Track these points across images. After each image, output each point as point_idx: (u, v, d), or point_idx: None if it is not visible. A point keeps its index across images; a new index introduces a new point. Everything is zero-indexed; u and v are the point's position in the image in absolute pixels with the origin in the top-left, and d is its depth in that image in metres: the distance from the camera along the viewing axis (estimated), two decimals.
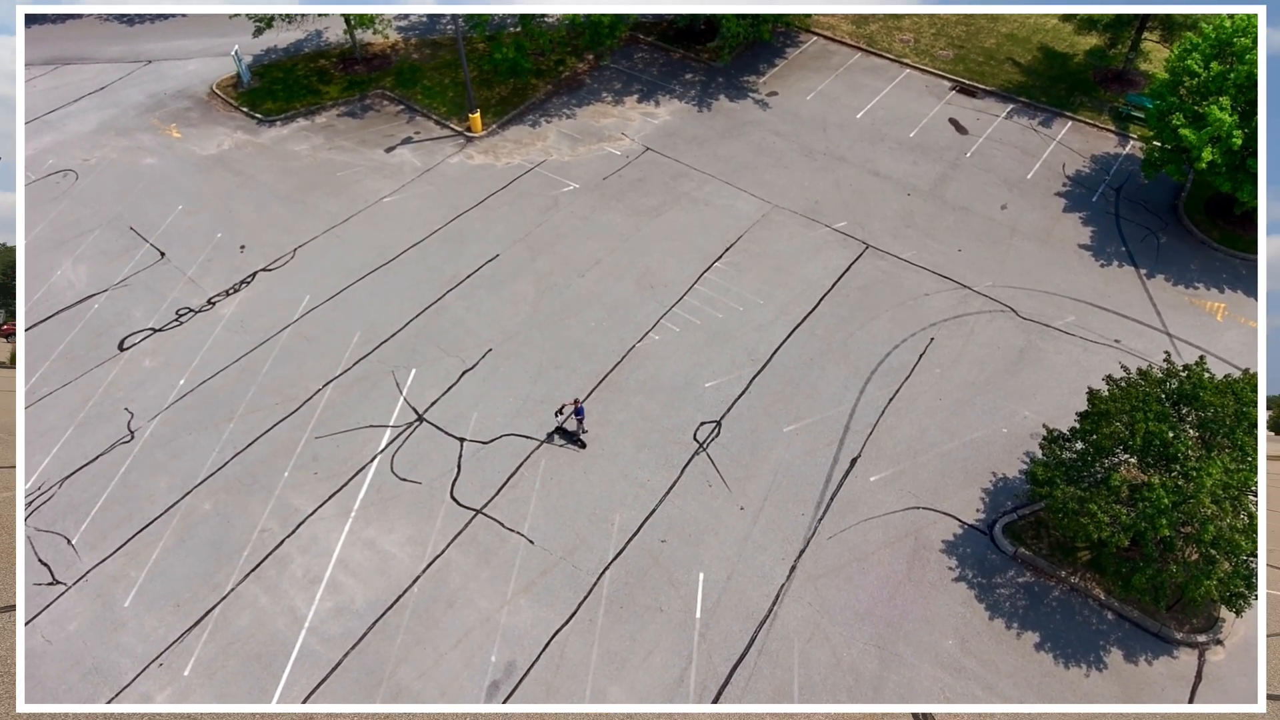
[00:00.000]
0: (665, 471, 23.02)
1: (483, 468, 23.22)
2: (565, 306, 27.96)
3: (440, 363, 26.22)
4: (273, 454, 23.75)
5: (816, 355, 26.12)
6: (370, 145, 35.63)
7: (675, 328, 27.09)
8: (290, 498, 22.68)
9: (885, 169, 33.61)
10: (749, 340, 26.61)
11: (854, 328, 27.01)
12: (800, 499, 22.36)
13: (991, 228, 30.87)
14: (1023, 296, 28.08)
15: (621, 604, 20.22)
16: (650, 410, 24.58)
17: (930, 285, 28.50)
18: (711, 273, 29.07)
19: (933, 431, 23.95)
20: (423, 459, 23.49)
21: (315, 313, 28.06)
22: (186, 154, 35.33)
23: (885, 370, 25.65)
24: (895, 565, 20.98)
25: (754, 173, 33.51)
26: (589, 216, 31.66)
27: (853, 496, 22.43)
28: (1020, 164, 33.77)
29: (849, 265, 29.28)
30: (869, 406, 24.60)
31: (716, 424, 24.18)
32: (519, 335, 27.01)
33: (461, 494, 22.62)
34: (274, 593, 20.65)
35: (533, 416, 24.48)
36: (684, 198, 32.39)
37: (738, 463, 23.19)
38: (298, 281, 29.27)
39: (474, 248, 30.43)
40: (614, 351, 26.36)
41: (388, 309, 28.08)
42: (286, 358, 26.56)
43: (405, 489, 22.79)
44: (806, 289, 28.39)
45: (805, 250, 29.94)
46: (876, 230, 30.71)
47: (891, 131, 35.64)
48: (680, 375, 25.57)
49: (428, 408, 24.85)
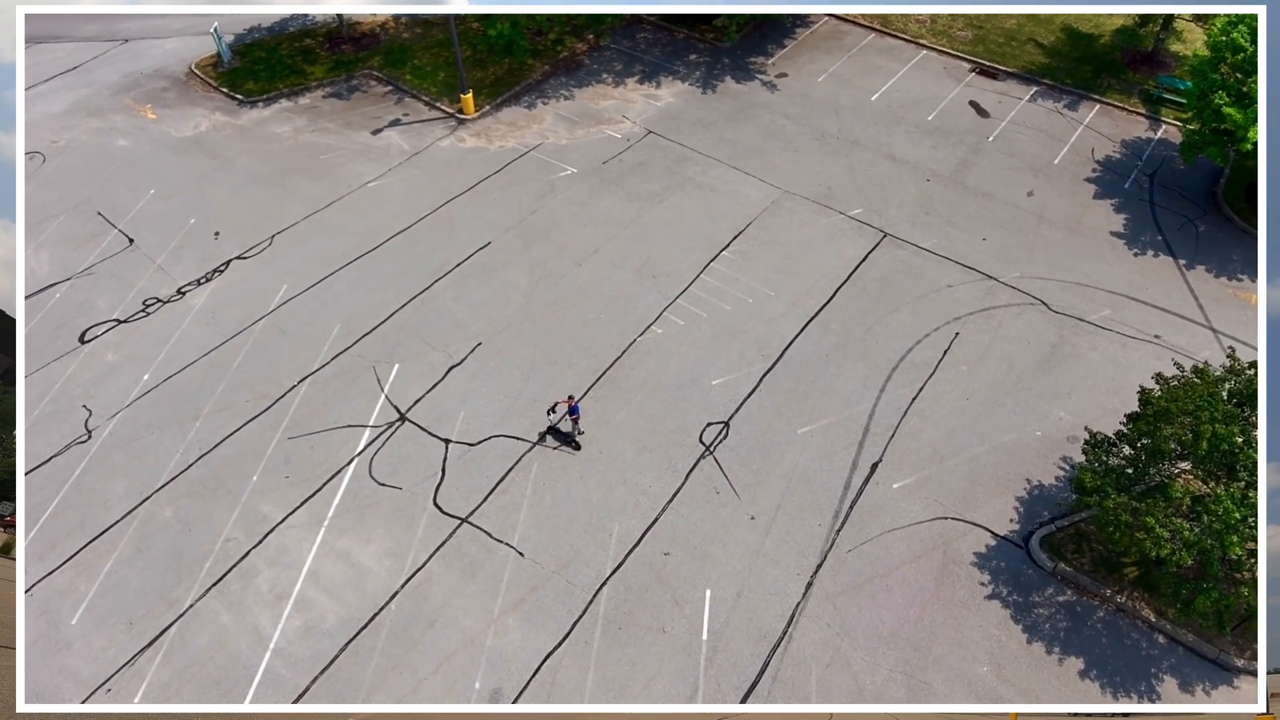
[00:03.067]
0: (668, 477, 21.07)
1: (469, 472, 21.27)
2: (561, 297, 26.00)
3: (425, 357, 24.27)
4: (241, 456, 21.81)
5: (832, 351, 24.15)
6: (356, 127, 33.64)
7: (679, 321, 25.12)
8: (258, 504, 20.74)
9: (902, 153, 31.61)
10: (759, 334, 24.65)
11: (872, 321, 25.03)
12: (816, 508, 20.41)
13: (1017, 215, 28.87)
14: (1053, 288, 26.09)
15: (620, 624, 18.30)
16: (652, 410, 22.62)
17: (953, 276, 26.52)
18: (718, 262, 27.09)
19: (960, 434, 21.99)
20: (404, 462, 21.54)
21: (292, 303, 26.11)
22: (161, 136, 33.33)
23: (907, 367, 23.68)
24: (922, 582, 19.04)
25: (763, 157, 31.52)
26: (587, 202, 29.69)
27: (874, 505, 20.49)
28: (1046, 149, 31.75)
29: (865, 255, 27.30)
30: (890, 407, 22.64)
31: (724, 425, 22.23)
32: (510, 328, 25.05)
33: (446, 501, 20.68)
34: (237, 610, 18.73)
35: (524, 416, 22.53)
36: (688, 183, 30.40)
37: (747, 468, 21.24)
38: (275, 270, 27.30)
39: (464, 235, 28.47)
40: (613, 346, 24.40)
41: (370, 300, 26.12)
42: (260, 352, 24.61)
43: (384, 495, 20.85)
44: (820, 280, 26.41)
45: (818, 238, 27.97)
46: (894, 217, 28.73)
47: (908, 115, 33.63)
48: (685, 372, 23.61)
49: (411, 406, 22.90)
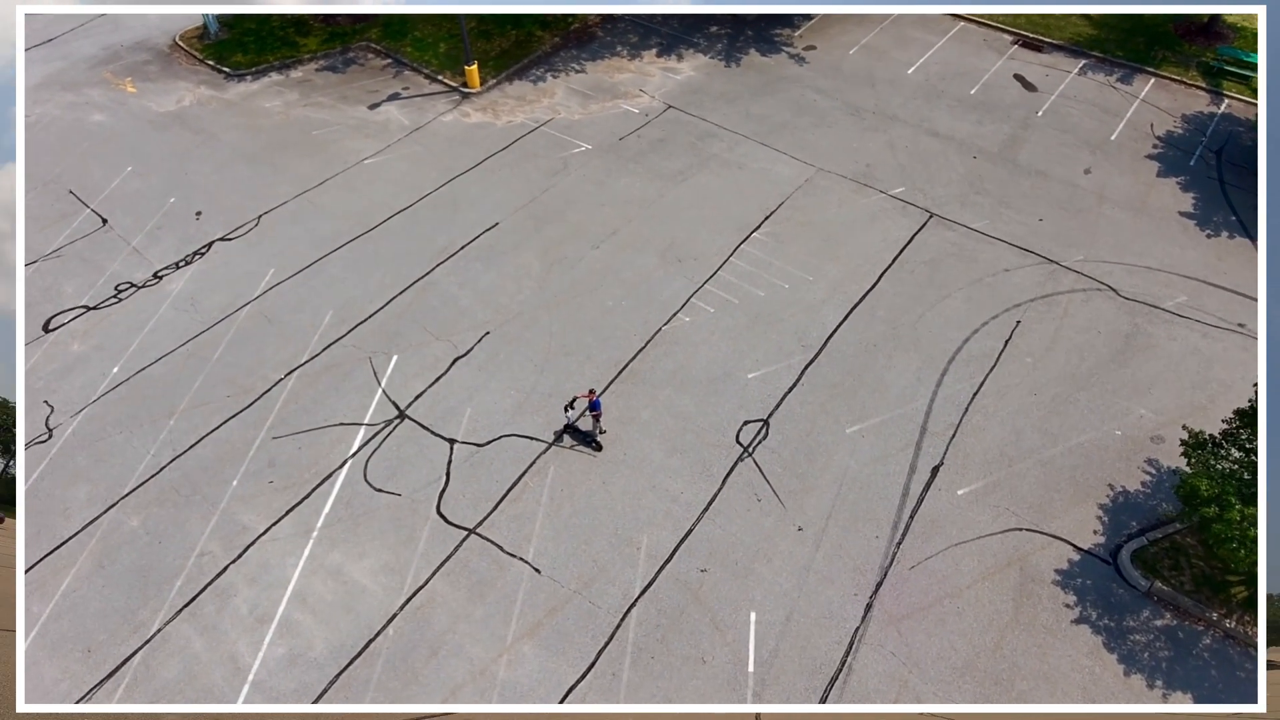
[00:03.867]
0: (703, 482, 18.63)
1: (477, 476, 18.83)
2: (577, 283, 23.53)
3: (427, 348, 21.80)
4: (220, 458, 19.35)
5: (880, 341, 21.69)
6: (351, 102, 31.16)
7: (709, 308, 22.66)
8: (238, 513, 18.28)
9: (945, 129, 29.14)
10: (798, 323, 22.18)
11: (923, 309, 22.57)
12: (872, 517, 17.96)
13: (1075, 194, 26.40)
14: (1121, 273, 23.62)
15: (652, 653, 15.85)
16: (682, 406, 20.17)
17: (1010, 259, 24.04)
18: (749, 244, 24.62)
19: (1029, 434, 19.54)
20: (404, 465, 19.09)
21: (280, 289, 23.63)
22: (141, 110, 30.84)
23: (965, 359, 21.22)
24: (998, 603, 16.58)
25: (793, 133, 29.04)
26: (604, 181, 27.22)
27: (937, 514, 18.04)
28: (1101, 124, 29.28)
29: (911, 236, 24.83)
30: (949, 403, 20.19)
31: (763, 423, 19.78)
32: (522, 316, 22.59)
33: (451, 509, 18.23)
34: (211, 635, 16.27)
35: (538, 413, 20.07)
36: (714, 160, 27.93)
37: (791, 471, 18.79)
38: (261, 253, 24.83)
39: (469, 215, 25.99)
40: (636, 335, 21.94)
41: (366, 285, 23.65)
42: (243, 341, 22.14)
43: (381, 502, 18.40)
44: (863, 263, 23.95)
45: (858, 219, 25.50)
46: (941, 197, 26.26)
47: (949, 88, 31.15)
48: (717, 364, 21.15)
49: (411, 402, 20.45)
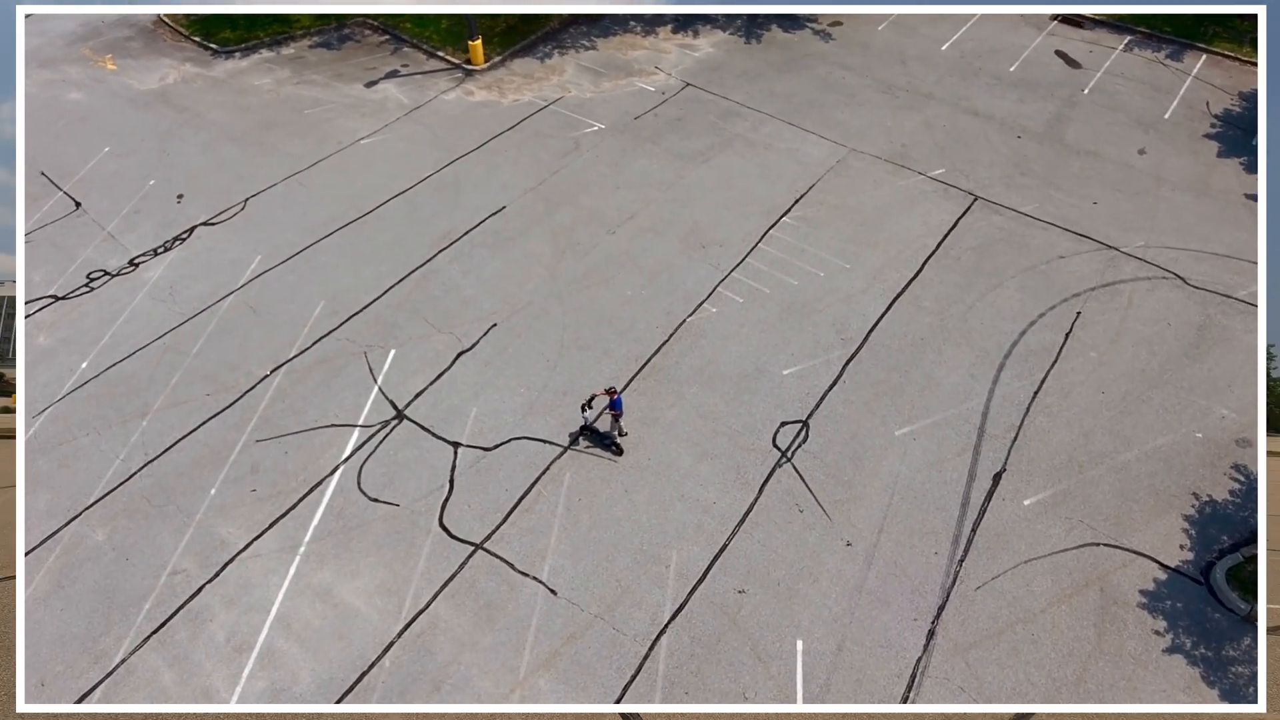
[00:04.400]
0: (737, 490, 16.62)
1: (484, 484, 16.83)
2: (592, 270, 21.52)
3: (428, 341, 19.80)
4: (197, 463, 17.35)
5: (928, 334, 19.69)
6: (347, 80, 29.14)
7: (737, 298, 20.66)
8: (216, 525, 16.27)
9: (985, 107, 27.13)
10: (836, 314, 20.18)
11: (973, 298, 20.57)
12: (929, 530, 15.96)
13: (1130, 176, 24.39)
14: (1188, 259, 21.62)
15: (686, 687, 13.85)
16: (711, 405, 18.16)
17: (1065, 245, 22.04)
18: (779, 229, 22.61)
19: (1100, 436, 17.54)
20: (402, 471, 17.09)
21: (267, 277, 21.62)
22: (121, 88, 28.83)
23: (1023, 354, 19.22)
24: (1078, 629, 14.58)
25: (822, 111, 27.03)
26: (618, 162, 25.21)
27: (1002, 527, 16.03)
28: (1153, 102, 27.28)
29: (955, 220, 22.82)
30: (1008, 402, 18.19)
31: (803, 425, 17.77)
32: (532, 306, 20.59)
33: (455, 521, 16.22)
34: (183, 666, 14.27)
35: (551, 413, 18.07)
36: (737, 140, 25.92)
37: (836, 478, 16.79)
38: (247, 238, 22.82)
39: (474, 198, 23.98)
40: (659, 327, 19.94)
41: (361, 273, 21.64)
42: (225, 334, 20.14)
43: (376, 513, 16.39)
44: (904, 249, 21.94)
45: (896, 202, 23.49)
46: (984, 179, 24.25)
47: (987, 65, 29.15)
48: (748, 359, 19.15)
49: (410, 401, 18.45)
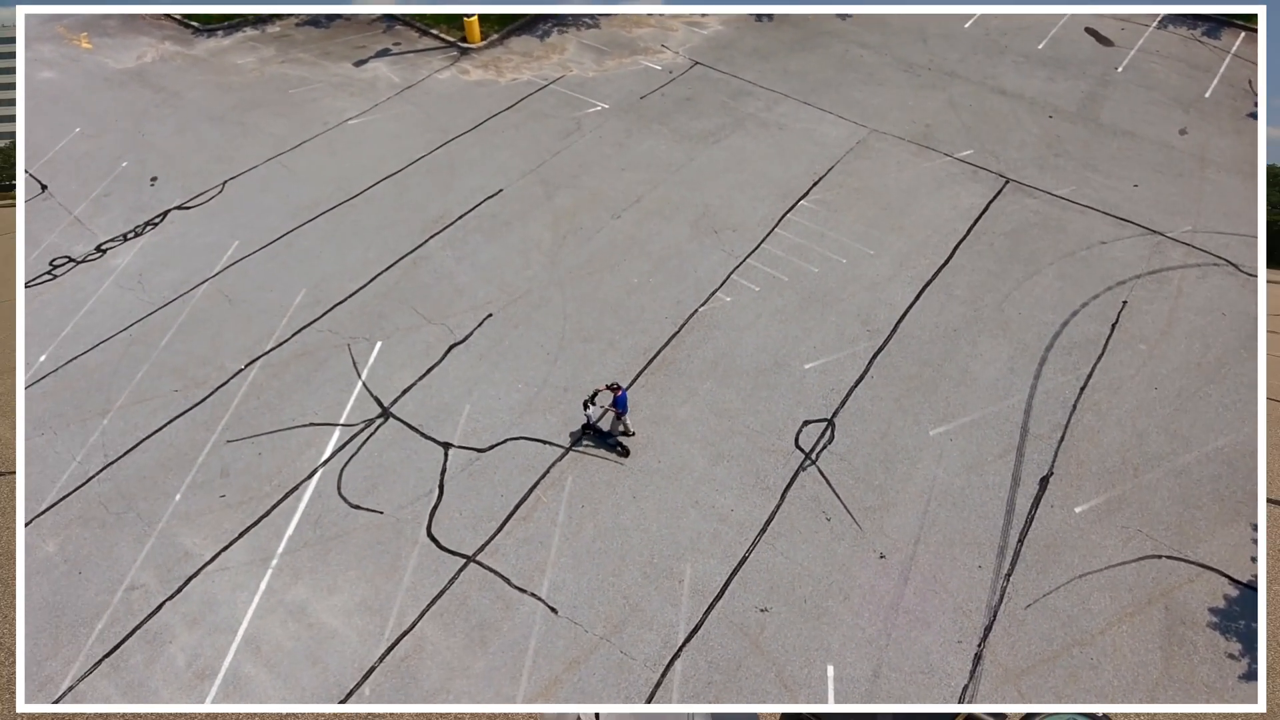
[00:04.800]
0: (757, 496, 15.03)
1: (478, 489, 15.24)
2: (595, 256, 19.94)
3: (418, 333, 18.22)
4: (161, 466, 15.76)
5: (962, 325, 18.10)
6: (335, 58, 27.56)
7: (753, 286, 19.07)
8: (180, 535, 14.69)
9: (1013, 86, 25.54)
10: (860, 303, 18.59)
11: (1009, 287, 18.98)
12: (971, 541, 14.37)
13: (1172, 157, 22.80)
14: (1239, 245, 20.03)
15: None
16: (727, 402, 16.57)
17: (1105, 230, 20.45)
18: (797, 213, 21.02)
19: (1155, 437, 15.95)
20: (387, 475, 15.50)
21: (245, 264, 20.04)
22: (96, 67, 27.24)
23: (1065, 346, 17.63)
24: (1143, 654, 12.99)
25: (839, 90, 25.44)
26: (623, 143, 23.62)
27: (1052, 537, 14.44)
28: (1192, 80, 25.69)
29: (986, 204, 21.24)
30: (1052, 398, 16.60)
31: (827, 424, 16.19)
32: (530, 295, 19.00)
33: (445, 531, 14.63)
34: (137, 694, 12.67)
35: (552, 411, 16.49)
36: (750, 120, 24.32)
37: (866, 483, 15.19)
38: (224, 223, 21.24)
39: (469, 180, 22.40)
40: (668, 318, 18.35)
41: (346, 259, 20.06)
42: (197, 325, 18.56)
43: (358, 522, 14.80)
44: (932, 235, 20.35)
45: (922, 185, 21.90)
46: (1015, 160, 22.66)
47: (1013, 43, 27.57)
48: (766, 352, 17.56)
49: (397, 398, 16.86)
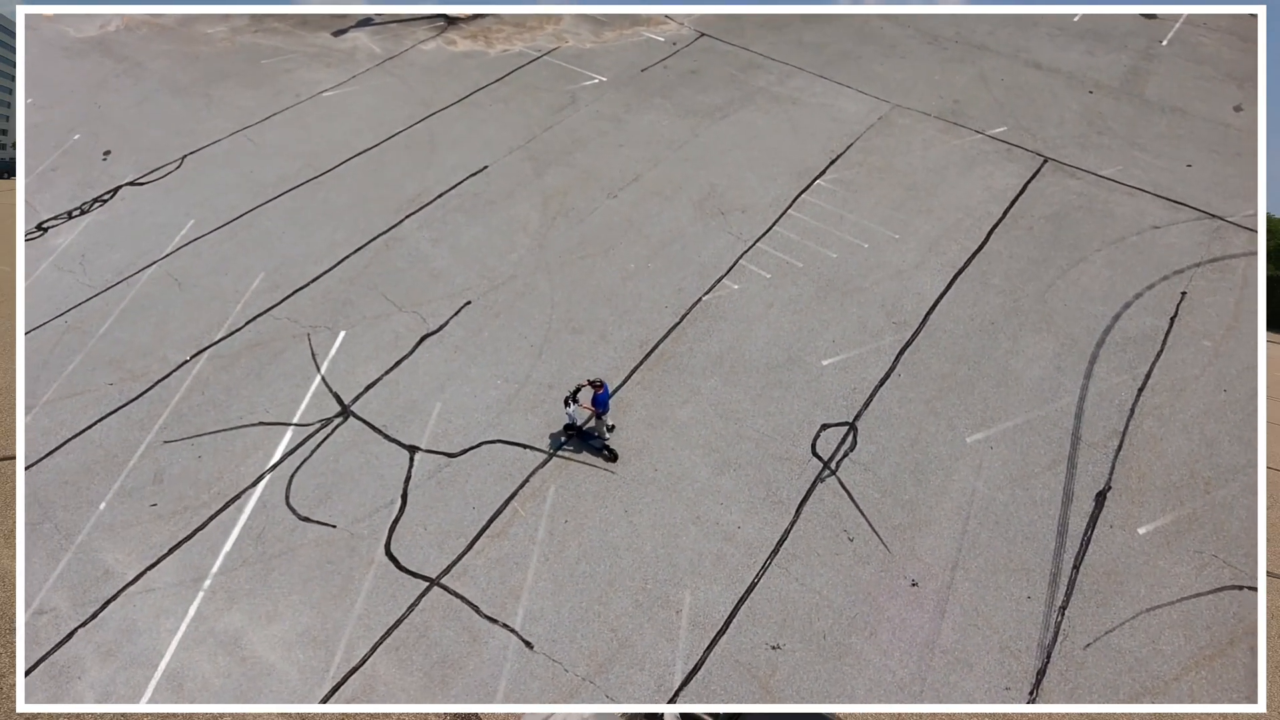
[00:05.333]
0: (768, 511, 13.00)
1: (446, 500, 13.24)
2: (588, 239, 17.94)
3: (386, 322, 16.24)
4: (87, 469, 13.82)
5: (999, 317, 16.04)
6: (312, 28, 25.61)
7: (764, 272, 17.05)
8: (101, 549, 12.72)
9: (1048, 60, 23.45)
10: (885, 292, 16.55)
11: (1052, 275, 16.91)
12: (1018, 566, 12.32)
13: (1227, 135, 20.69)
14: None
15: None
16: (734, 403, 14.55)
17: (1157, 214, 18.36)
18: (813, 193, 18.98)
19: (1227, 446, 13.87)
20: (343, 483, 13.51)
21: (199, 245, 18.09)
22: (54, 36, 25.34)
23: (1119, 342, 15.56)
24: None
25: (859, 64, 23.39)
26: (621, 118, 21.61)
27: (1113, 563, 12.38)
28: (1244, 54, 23.55)
29: (1024, 185, 19.16)
30: (1105, 401, 14.53)
31: (849, 428, 14.15)
32: (514, 281, 17.01)
33: (406, 548, 12.63)
34: None
35: (534, 411, 14.49)
36: (760, 94, 22.29)
37: (894, 497, 13.15)
38: (180, 200, 19.31)
39: (450, 157, 20.42)
40: (668, 307, 16.34)
41: (311, 241, 18.10)
42: (141, 311, 16.61)
43: (307, 537, 12.82)
44: (964, 218, 18.29)
45: (952, 163, 19.84)
46: (1054, 138, 20.58)
47: (1046, 14, 25.48)
48: (779, 346, 15.53)
49: (360, 394, 14.88)
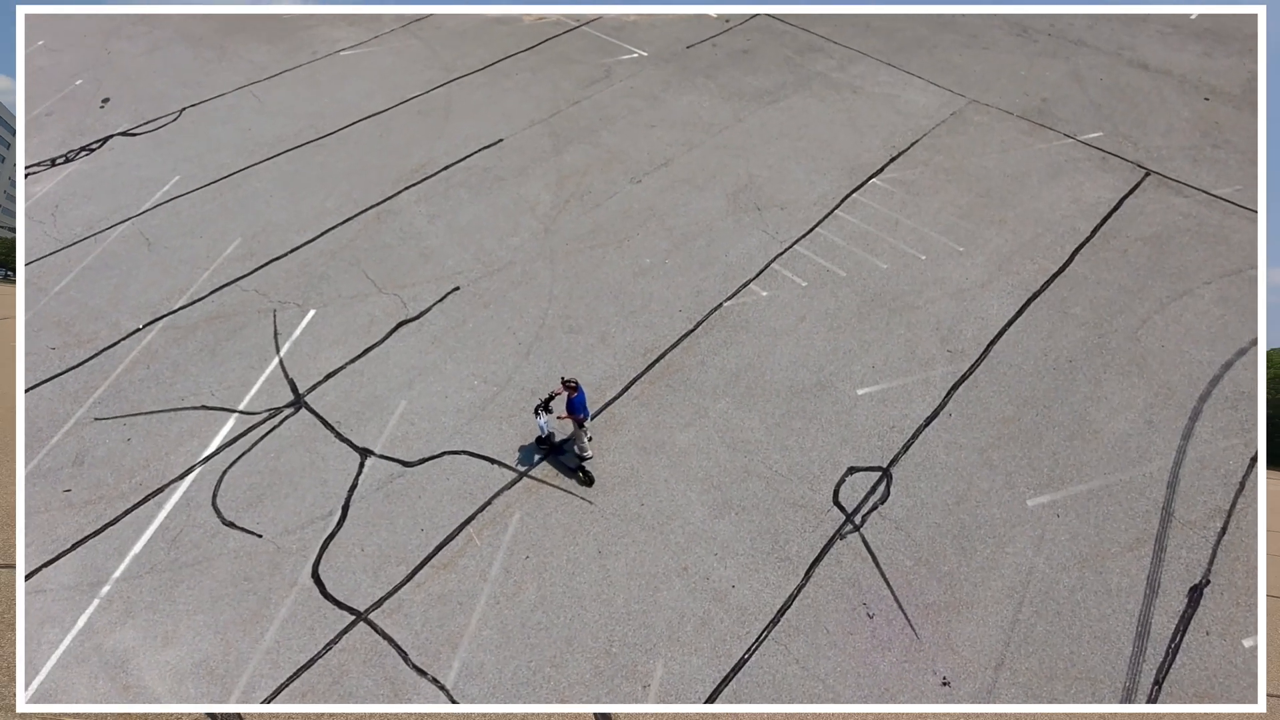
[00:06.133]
0: (771, 570, 10.63)
1: (392, 516, 11.23)
2: (602, 227, 15.78)
3: (363, 303, 14.35)
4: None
5: (1081, 355, 13.32)
6: None
7: (799, 279, 14.63)
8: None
9: (1157, 60, 20.37)
10: (941, 313, 13.97)
11: (1148, 309, 14.09)
12: (1081, 673, 9.71)
13: None
14: None
15: None
16: (745, 431, 12.20)
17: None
18: (866, 193, 16.46)
19: None
20: (280, 484, 11.63)
21: (179, 203, 16.52)
22: None
23: (1229, 397, 12.71)
24: None
25: (933, 52, 20.69)
26: (658, 96, 19.38)
27: (1208, 680, 9.67)
28: None
29: (1120, 199, 16.29)
30: (1208, 470, 11.73)
31: (883, 474, 11.68)
32: (512, 268, 14.95)
33: (336, 572, 10.65)
34: None
35: (511, 420, 12.40)
36: (818, 79, 19.80)
37: (930, 567, 10.65)
38: (169, 155, 17.81)
39: (464, 126, 18.50)
40: (682, 311, 14.07)
41: (299, 207, 16.36)
42: (102, 271, 15.08)
43: (227, 546, 10.96)
44: (1043, 232, 15.55)
45: (1034, 169, 17.07)
46: (1160, 148, 17.61)
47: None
48: (807, 367, 13.12)
49: (318, 383, 13.01)
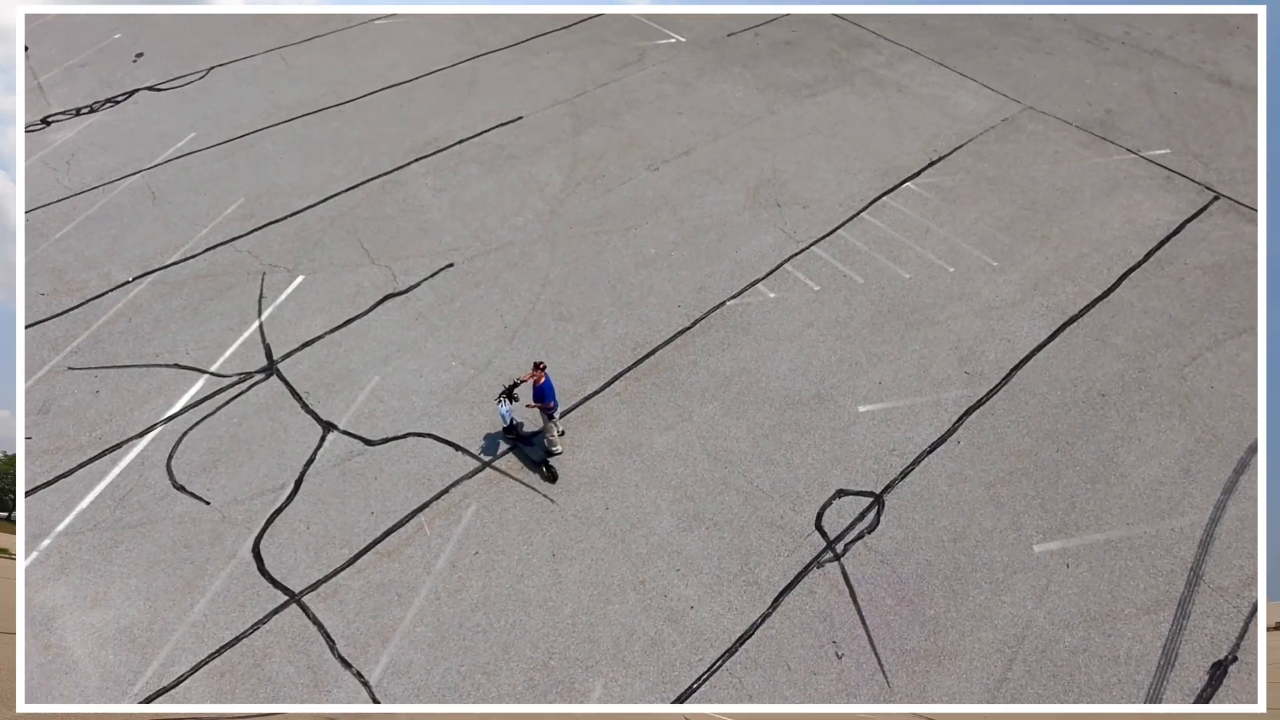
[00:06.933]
0: (736, 593, 9.68)
1: (344, 496, 10.65)
2: (610, 213, 14.98)
3: (353, 273, 13.86)
4: None
5: (1114, 389, 11.98)
6: None
7: (812, 282, 13.59)
8: None
9: (1242, 76, 18.60)
10: (963, 331, 12.77)
11: (1199, 345, 12.63)
12: None
13: None
14: None
15: None
16: (729, 440, 11.25)
17: None
18: (898, 197, 15.29)
19: None
20: (236, 452, 11.17)
21: (190, 159, 16.33)
22: None
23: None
24: None
25: (992, 55, 19.31)
26: (690, 83, 18.49)
27: None
28: None
29: (1181, 223, 14.77)
30: (1247, 528, 10.32)
31: (873, 500, 10.61)
32: (510, 249, 14.28)
33: (277, 548, 10.11)
34: None
35: (484, 406, 11.71)
36: (861, 75, 18.64)
37: (914, 610, 9.55)
38: (189, 112, 17.68)
39: (485, 102, 17.92)
40: (681, 307, 13.18)
41: (307, 171, 15.99)
42: (103, 221, 14.93)
43: (173, 510, 10.54)
44: (1090, 253, 14.16)
45: (1087, 184, 15.64)
46: (1233, 170, 15.97)
47: (1248, 22, 20.48)
48: (807, 377, 12.09)
49: (292, 351, 12.54)
